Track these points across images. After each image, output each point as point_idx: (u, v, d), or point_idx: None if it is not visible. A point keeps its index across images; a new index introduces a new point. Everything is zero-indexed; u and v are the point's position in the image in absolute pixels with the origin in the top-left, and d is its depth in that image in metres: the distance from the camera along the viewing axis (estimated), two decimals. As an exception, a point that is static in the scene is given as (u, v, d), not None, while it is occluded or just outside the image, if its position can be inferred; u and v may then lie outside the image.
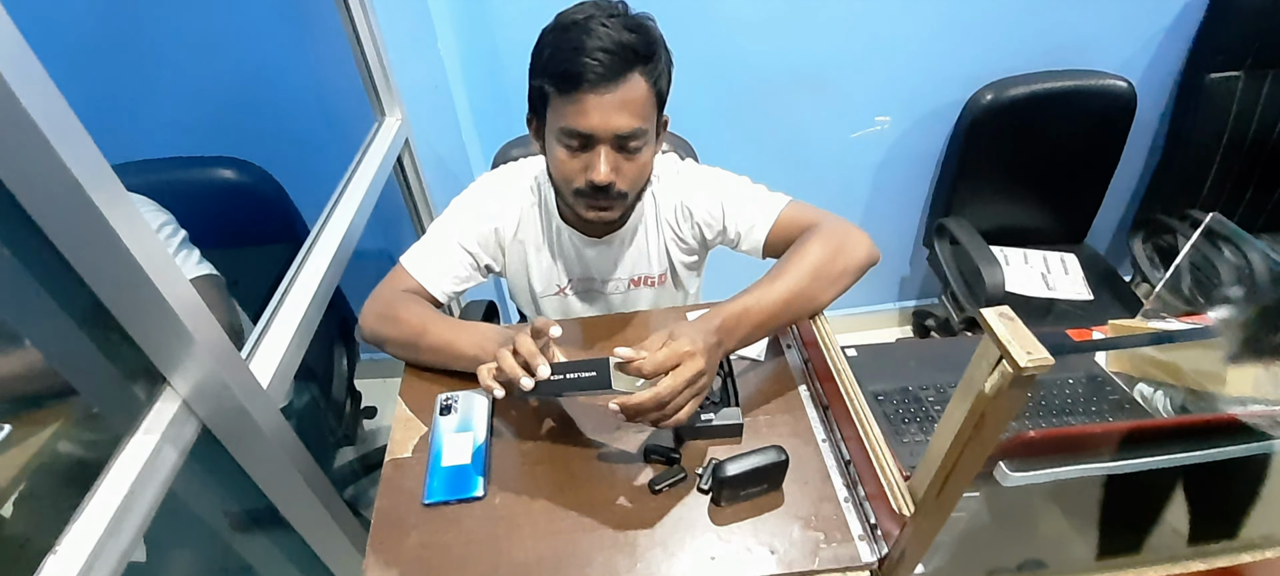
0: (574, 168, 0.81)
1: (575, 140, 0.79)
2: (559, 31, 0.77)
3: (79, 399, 0.69)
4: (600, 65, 0.73)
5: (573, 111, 0.76)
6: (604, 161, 0.78)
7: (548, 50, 0.77)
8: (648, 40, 0.77)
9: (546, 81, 0.78)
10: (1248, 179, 1.65)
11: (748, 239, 0.93)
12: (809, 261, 0.81)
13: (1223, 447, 0.53)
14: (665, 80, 0.81)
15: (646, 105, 0.78)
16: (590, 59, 0.73)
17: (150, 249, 0.53)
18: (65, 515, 0.53)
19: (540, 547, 0.66)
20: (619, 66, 0.74)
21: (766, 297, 0.77)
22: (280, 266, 0.97)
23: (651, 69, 0.77)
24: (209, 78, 1.40)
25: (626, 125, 0.77)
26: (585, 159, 0.80)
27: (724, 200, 0.94)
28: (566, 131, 0.78)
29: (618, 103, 0.75)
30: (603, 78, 0.74)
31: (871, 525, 0.65)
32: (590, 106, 0.75)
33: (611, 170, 0.79)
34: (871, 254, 0.85)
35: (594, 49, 0.73)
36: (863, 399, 0.71)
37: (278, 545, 0.87)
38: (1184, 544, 0.67)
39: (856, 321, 2.11)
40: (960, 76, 1.55)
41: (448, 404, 0.80)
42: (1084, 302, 1.55)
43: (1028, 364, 0.39)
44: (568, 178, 0.82)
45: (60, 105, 0.46)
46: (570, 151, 0.80)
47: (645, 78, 0.77)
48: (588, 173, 0.79)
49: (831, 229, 0.85)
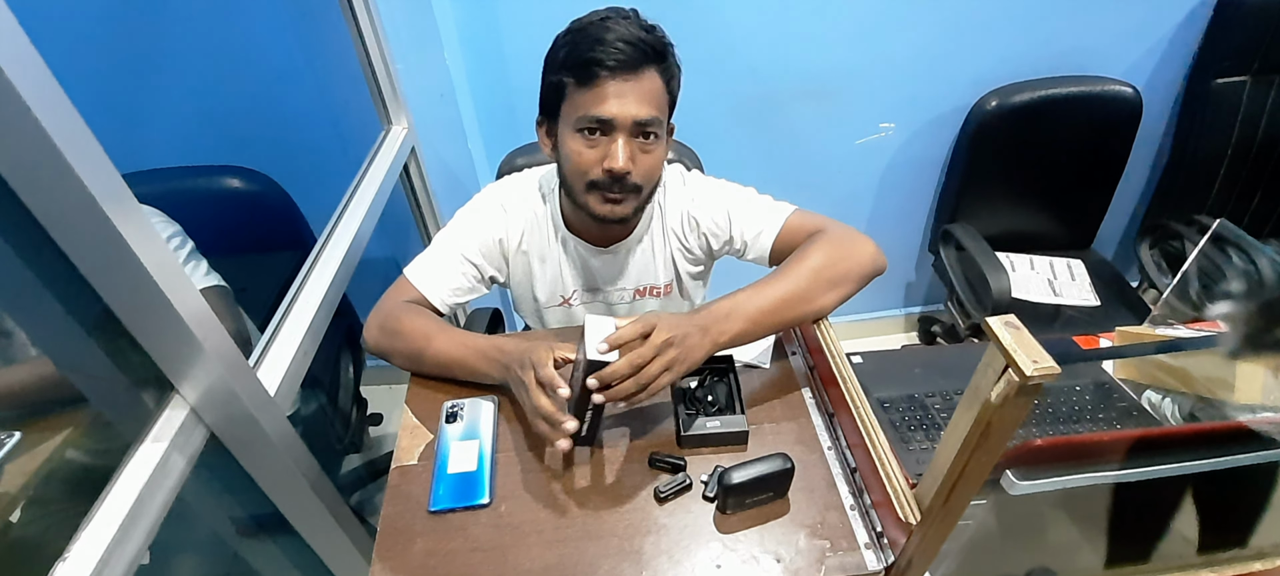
0: (591, 158, 0.82)
1: (595, 129, 0.80)
2: (576, 32, 0.80)
3: (89, 406, 0.70)
4: (621, 53, 0.76)
5: (592, 99, 0.78)
6: (622, 149, 0.80)
7: (565, 49, 0.80)
8: (662, 41, 0.81)
9: (565, 74, 0.80)
10: (1255, 184, 1.65)
11: (754, 247, 0.93)
12: (808, 264, 0.81)
13: (1232, 455, 0.53)
14: (676, 83, 0.84)
15: (661, 99, 0.81)
16: (611, 48, 0.76)
17: (160, 258, 0.53)
18: (75, 521, 0.54)
19: (546, 555, 0.66)
20: (638, 57, 0.78)
21: (758, 296, 0.78)
22: (287, 274, 0.97)
23: (665, 68, 0.81)
24: (217, 87, 1.41)
25: (645, 112, 0.79)
26: (603, 148, 0.81)
27: (730, 210, 0.94)
28: (586, 119, 0.80)
29: (636, 91, 0.78)
30: (622, 66, 0.77)
31: (878, 533, 0.65)
32: (610, 93, 0.78)
33: (629, 158, 0.80)
34: (876, 260, 0.85)
35: (613, 40, 0.76)
36: (868, 406, 0.71)
37: (284, 552, 0.87)
38: (1193, 552, 0.66)
39: (862, 328, 2.10)
40: (965, 82, 1.55)
41: (453, 411, 0.80)
42: (1091, 308, 1.54)
43: (1034, 372, 0.39)
44: (584, 169, 0.82)
45: (72, 115, 0.47)
46: (588, 142, 0.81)
47: (660, 75, 0.81)
48: (605, 162, 0.81)
49: (835, 234, 0.85)
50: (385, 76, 1.31)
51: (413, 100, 1.38)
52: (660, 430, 0.78)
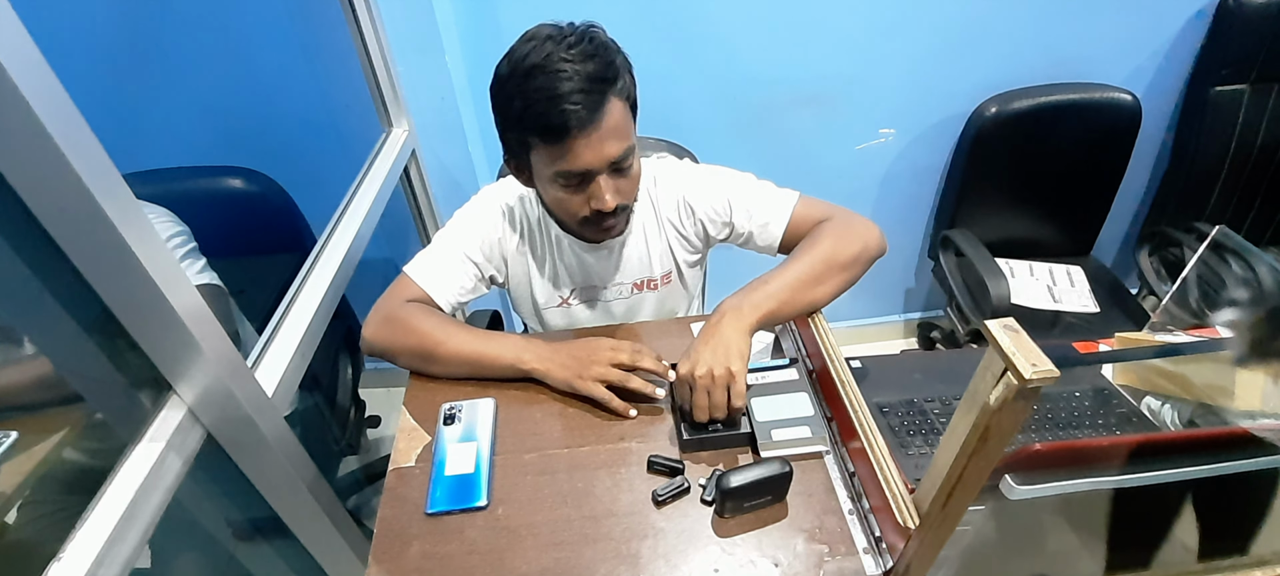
0: (577, 203, 0.82)
1: (573, 180, 0.80)
2: (523, 78, 0.74)
3: (86, 406, 0.70)
4: (581, 107, 0.73)
5: (565, 157, 0.77)
6: (606, 190, 0.80)
7: (519, 102, 0.75)
8: (608, 61, 0.76)
9: (529, 135, 0.78)
10: (1254, 192, 1.65)
11: (762, 236, 0.94)
12: (824, 253, 0.84)
13: (1232, 462, 0.53)
14: (632, 86, 0.82)
15: (626, 122, 0.80)
16: (569, 104, 0.73)
17: (159, 258, 0.53)
18: (70, 522, 0.53)
19: (543, 558, 0.66)
20: (596, 101, 0.74)
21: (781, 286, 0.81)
22: (287, 275, 0.97)
23: (621, 88, 0.78)
24: (219, 88, 1.41)
25: (618, 150, 0.79)
26: (586, 193, 0.81)
27: (731, 198, 0.95)
28: (562, 175, 0.79)
29: (605, 135, 0.77)
30: (586, 119, 0.74)
31: (876, 538, 0.65)
32: (582, 148, 0.76)
33: (614, 192, 0.81)
34: (881, 243, 0.89)
35: (569, 93, 0.73)
36: (867, 411, 0.71)
37: (280, 554, 0.87)
38: (1193, 559, 0.66)
39: (861, 333, 2.10)
40: (965, 89, 1.55)
41: (451, 413, 0.80)
42: (1090, 315, 1.54)
43: (1032, 376, 0.39)
44: (573, 212, 0.84)
45: (73, 114, 0.47)
46: (570, 191, 0.82)
47: (618, 98, 0.78)
48: (592, 204, 0.81)
49: (844, 221, 0.89)
50: (386, 79, 1.31)
51: (413, 103, 1.38)
52: (659, 433, 0.78)
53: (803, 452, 0.74)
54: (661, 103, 1.27)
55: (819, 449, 0.75)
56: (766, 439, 0.74)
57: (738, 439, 0.75)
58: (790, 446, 0.74)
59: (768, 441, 0.74)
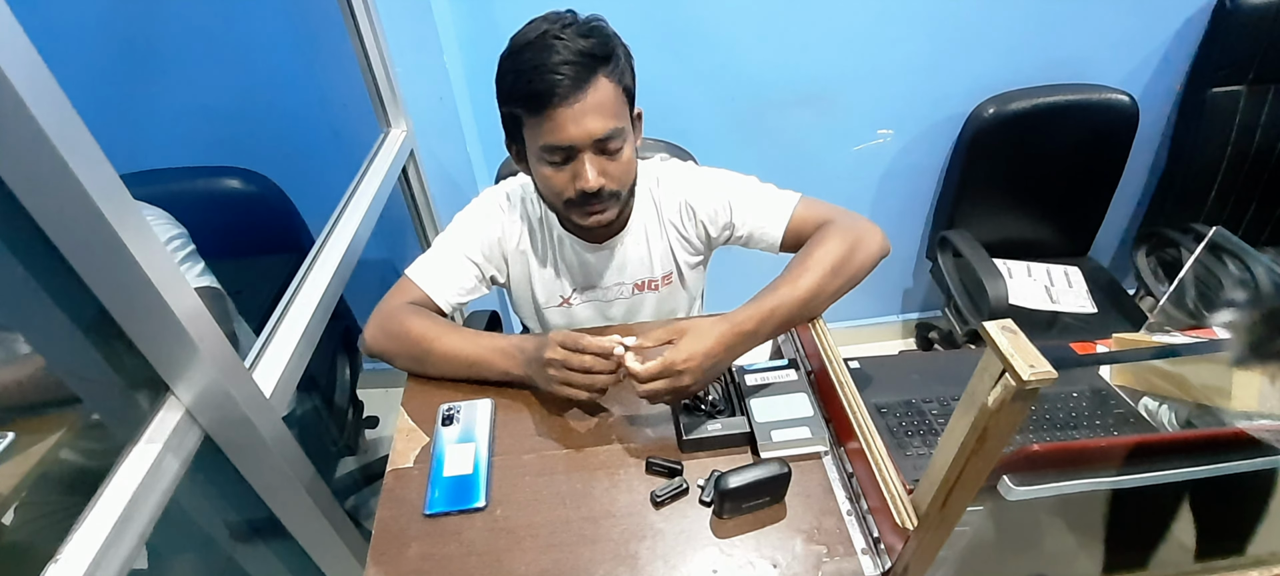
0: (562, 181, 0.82)
1: (557, 155, 0.80)
2: (516, 55, 0.77)
3: (83, 407, 0.70)
4: (566, 78, 0.74)
5: (548, 128, 0.77)
6: (589, 167, 0.80)
7: (510, 76, 0.78)
8: (604, 42, 0.78)
9: (516, 106, 0.79)
10: (1251, 193, 1.65)
11: (763, 237, 0.94)
12: (829, 257, 0.83)
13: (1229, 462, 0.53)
14: (629, 76, 0.82)
15: (617, 104, 0.80)
16: (554, 74, 0.74)
17: (157, 259, 0.53)
18: (67, 523, 0.53)
19: (541, 560, 0.65)
20: (583, 74, 0.75)
21: (791, 294, 0.79)
22: (285, 276, 0.97)
23: (613, 69, 0.79)
24: (217, 88, 1.41)
25: (603, 128, 0.78)
26: (571, 170, 0.81)
27: (732, 199, 0.95)
28: (547, 148, 0.80)
29: (590, 109, 0.77)
30: (570, 89, 0.75)
31: (874, 539, 0.65)
32: (565, 120, 0.76)
33: (598, 174, 0.81)
34: (884, 245, 0.89)
35: (556, 64, 0.74)
36: (866, 411, 0.71)
37: (278, 555, 0.87)
38: (1190, 559, 0.66)
39: (859, 333, 2.10)
40: (962, 90, 1.55)
41: (450, 414, 0.80)
42: (1088, 316, 1.55)
43: (1030, 377, 0.39)
44: (558, 191, 0.83)
45: (70, 115, 0.47)
46: (555, 167, 0.81)
47: (610, 78, 0.78)
48: (576, 182, 0.81)
49: (846, 224, 0.88)
50: (384, 79, 1.31)
51: (412, 103, 1.38)
52: (658, 434, 0.78)
53: (801, 453, 0.74)
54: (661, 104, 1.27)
55: (817, 450, 0.75)
56: (765, 440, 0.74)
57: (737, 439, 0.75)
58: (789, 447, 0.74)
59: (766, 442, 0.74)
